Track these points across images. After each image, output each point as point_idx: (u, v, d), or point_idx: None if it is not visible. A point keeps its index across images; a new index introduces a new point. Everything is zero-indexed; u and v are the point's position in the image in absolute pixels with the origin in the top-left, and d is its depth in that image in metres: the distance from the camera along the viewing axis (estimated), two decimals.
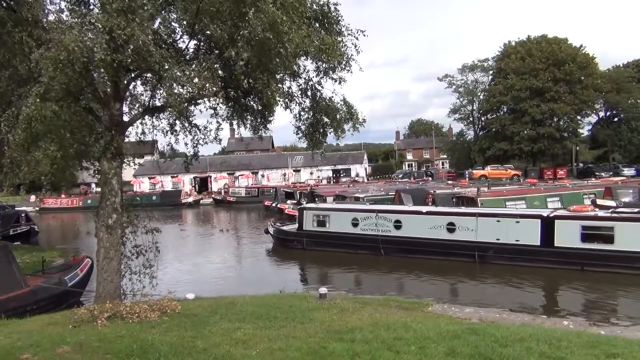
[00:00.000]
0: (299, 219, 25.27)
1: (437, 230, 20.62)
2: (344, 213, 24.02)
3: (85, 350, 7.18)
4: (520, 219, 19.35)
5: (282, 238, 25.91)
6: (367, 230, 22.51)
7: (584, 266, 17.38)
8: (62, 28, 8.56)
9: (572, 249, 17.66)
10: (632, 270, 16.46)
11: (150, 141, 13.41)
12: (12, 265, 13.68)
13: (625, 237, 16.93)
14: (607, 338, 8.18)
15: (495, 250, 19.23)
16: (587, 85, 62.43)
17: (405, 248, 21.13)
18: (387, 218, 22.17)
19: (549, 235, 18.36)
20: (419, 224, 21.33)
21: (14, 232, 30.94)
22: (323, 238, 23.69)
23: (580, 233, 17.76)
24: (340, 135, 12.61)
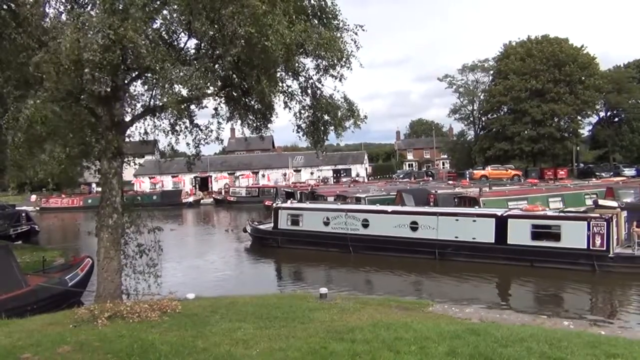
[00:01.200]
0: (274, 218, 26.13)
1: (402, 229, 21.59)
2: (316, 212, 24.95)
3: (86, 349, 7.19)
4: (476, 218, 20.38)
5: (258, 236, 26.92)
6: (337, 229, 23.44)
7: (533, 262, 18.36)
8: (60, 30, 8.56)
9: (523, 246, 18.66)
10: (576, 265, 17.61)
11: (152, 141, 13.40)
12: (13, 265, 13.68)
13: (570, 235, 17.98)
14: (607, 338, 8.18)
15: (454, 247, 20.17)
16: (588, 86, 62.40)
17: (372, 246, 22.07)
18: (355, 217, 23.12)
19: (502, 234, 19.34)
20: (385, 223, 22.30)
21: (14, 232, 30.96)
22: (296, 236, 24.72)
23: (531, 231, 18.77)
24: (340, 133, 12.60)
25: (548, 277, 17.23)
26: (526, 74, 63.30)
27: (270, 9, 9.02)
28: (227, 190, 67.22)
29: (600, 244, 17.46)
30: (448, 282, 17.89)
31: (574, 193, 28.91)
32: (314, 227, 24.28)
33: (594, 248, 17.54)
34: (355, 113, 12.26)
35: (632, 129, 68.52)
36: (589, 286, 16.55)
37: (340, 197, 32.80)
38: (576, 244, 17.80)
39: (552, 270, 17.69)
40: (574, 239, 17.90)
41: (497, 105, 67.85)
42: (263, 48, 9.25)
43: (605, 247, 17.41)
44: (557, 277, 17.13)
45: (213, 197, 65.70)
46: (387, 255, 21.18)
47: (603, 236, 17.41)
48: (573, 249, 17.82)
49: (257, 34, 8.99)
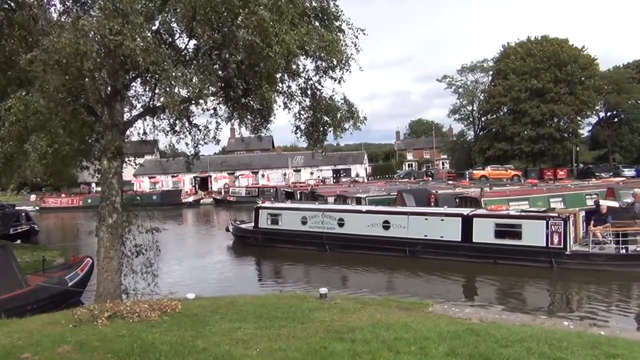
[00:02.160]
0: (254, 218, 26.89)
1: (375, 228, 22.25)
2: (295, 212, 25.72)
3: (86, 349, 7.18)
4: (444, 217, 21.03)
5: (240, 235, 27.67)
6: (314, 227, 24.13)
7: (496, 260, 18.96)
8: (57, 31, 8.56)
9: (487, 244, 19.35)
10: (535, 262, 18.29)
11: (151, 141, 13.41)
12: (13, 265, 13.67)
13: (530, 234, 18.64)
14: (607, 339, 8.17)
15: (423, 245, 20.80)
16: (588, 86, 62.43)
17: (347, 244, 22.75)
18: (331, 217, 23.83)
19: (468, 232, 19.98)
20: (359, 222, 22.93)
21: (14, 232, 30.95)
22: (276, 235, 25.38)
23: (494, 230, 19.43)
24: (339, 135, 12.63)
25: (510, 274, 17.81)
26: (526, 73, 63.35)
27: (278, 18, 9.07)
28: (226, 190, 67.22)
29: (558, 242, 18.11)
30: (417, 279, 18.60)
31: (574, 193, 28.91)
32: (292, 227, 24.96)
33: (552, 246, 18.17)
34: (354, 114, 12.27)
35: (631, 130, 68.59)
36: (547, 282, 17.23)
37: (340, 197, 32.73)
38: (536, 242, 18.45)
39: (513, 267, 18.31)
40: (534, 237, 18.54)
41: (496, 106, 67.88)
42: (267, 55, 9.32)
43: (562, 245, 18.06)
44: (518, 274, 17.73)
45: (213, 197, 65.68)
46: (361, 252, 21.85)
47: (560, 234, 18.09)
48: (533, 246, 18.47)
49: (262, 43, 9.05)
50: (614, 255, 17.47)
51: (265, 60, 9.54)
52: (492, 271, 18.29)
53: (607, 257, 17.51)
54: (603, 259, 17.56)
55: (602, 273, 16.88)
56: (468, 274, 18.53)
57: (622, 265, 17.18)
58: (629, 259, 17.24)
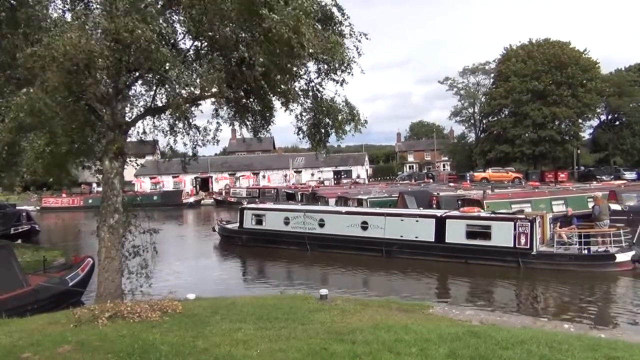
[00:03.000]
0: (239, 218, 27.68)
1: (353, 228, 23.03)
2: (278, 212, 26.52)
3: (86, 349, 7.19)
4: (419, 218, 21.83)
5: (226, 235, 28.34)
6: (296, 228, 24.89)
7: (467, 259, 19.69)
8: (61, 28, 8.57)
9: (459, 245, 20.11)
10: (504, 262, 19.04)
11: (152, 141, 13.43)
12: (14, 264, 13.67)
13: (499, 234, 19.39)
14: (607, 341, 8.17)
15: (399, 245, 21.55)
16: (590, 89, 62.38)
17: (327, 244, 23.50)
18: (313, 217, 24.63)
19: (441, 233, 20.73)
20: (339, 223, 23.74)
21: (15, 231, 30.95)
22: (260, 235, 26.12)
23: (466, 231, 20.16)
24: (341, 137, 12.66)
25: (480, 273, 18.50)
26: (527, 75, 63.34)
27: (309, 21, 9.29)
28: (227, 191, 67.20)
29: (524, 243, 18.85)
30: (394, 278, 19.21)
31: (577, 196, 28.96)
32: (275, 227, 25.69)
33: (519, 246, 18.92)
34: (356, 117, 12.30)
35: (633, 133, 68.57)
36: (514, 281, 17.90)
37: (341, 198, 32.67)
38: (504, 242, 19.21)
39: (483, 266, 19.04)
40: (502, 238, 19.29)
41: (497, 108, 67.89)
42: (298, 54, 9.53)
43: (529, 246, 18.78)
44: (488, 273, 18.41)
45: (214, 198, 65.67)
46: (340, 252, 22.56)
47: (527, 235, 18.81)
48: (501, 247, 19.23)
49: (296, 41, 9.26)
50: (577, 255, 18.30)
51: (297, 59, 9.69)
52: (464, 270, 19.00)
53: (570, 258, 18.35)
54: (567, 259, 18.39)
55: (566, 272, 17.65)
56: (441, 273, 19.13)
57: (584, 265, 18.04)
58: (591, 259, 18.10)
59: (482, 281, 17.81)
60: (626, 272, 17.62)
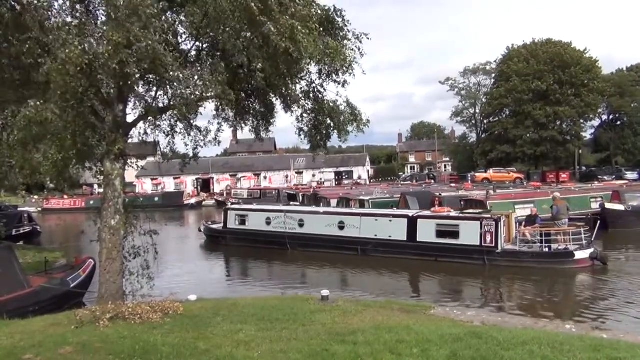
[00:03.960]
0: (224, 218, 28.41)
1: (331, 228, 23.80)
2: (260, 213, 27.25)
3: (88, 350, 7.19)
4: (392, 218, 22.61)
5: (210, 235, 29.07)
6: (277, 228, 25.63)
7: (437, 257, 20.42)
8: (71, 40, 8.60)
9: (429, 243, 20.89)
10: (471, 260, 19.73)
11: (153, 142, 13.43)
12: (15, 266, 13.68)
13: (466, 233, 20.14)
14: (609, 342, 8.15)
15: (374, 244, 22.26)
16: (592, 89, 62.28)
17: (306, 243, 24.26)
18: (293, 217, 25.41)
19: (412, 232, 21.49)
20: (317, 223, 24.49)
21: (16, 233, 30.93)
22: (243, 235, 26.81)
23: (435, 230, 20.93)
24: (344, 137, 12.69)
25: (448, 270, 19.17)
26: (529, 74, 63.26)
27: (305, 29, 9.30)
28: (229, 192, 67.14)
29: (490, 241, 19.61)
30: (368, 276, 19.95)
31: (580, 196, 29.01)
32: (257, 227, 26.43)
33: (485, 245, 19.67)
34: (358, 117, 12.31)
35: (634, 133, 68.50)
36: (480, 278, 18.57)
37: (343, 199, 32.61)
38: (471, 241, 19.94)
39: (452, 264, 19.72)
40: (469, 236, 20.03)
41: (499, 108, 67.79)
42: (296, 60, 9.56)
43: (494, 244, 19.53)
44: (456, 270, 19.08)
45: (215, 199, 65.62)
46: (318, 251, 23.34)
47: (492, 234, 19.55)
48: (469, 245, 19.93)
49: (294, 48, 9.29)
50: (538, 253, 19.17)
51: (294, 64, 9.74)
52: (434, 268, 19.66)
53: (532, 255, 19.20)
54: (529, 256, 19.19)
55: (528, 269, 18.42)
56: (413, 270, 19.89)
57: (545, 262, 18.86)
58: (551, 257, 19.01)
59: (451, 278, 18.49)
60: (584, 268, 18.45)
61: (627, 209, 27.31)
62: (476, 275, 18.62)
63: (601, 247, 24.47)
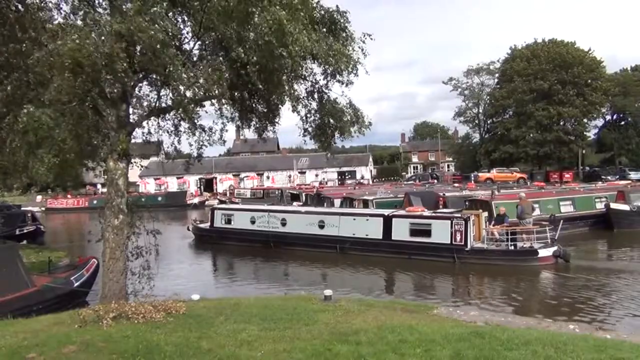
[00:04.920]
0: (210, 218, 29.32)
1: (312, 227, 24.66)
2: (245, 212, 28.30)
3: (91, 350, 7.20)
4: (369, 217, 23.57)
5: (198, 234, 29.80)
6: (261, 227, 26.52)
7: (411, 255, 21.13)
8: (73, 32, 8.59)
9: (403, 242, 21.67)
10: (442, 257, 20.43)
11: (156, 142, 13.44)
12: (19, 265, 13.73)
13: (438, 232, 20.93)
14: (613, 342, 8.12)
15: (351, 242, 23.07)
16: (596, 89, 62.08)
17: (288, 242, 25.06)
18: (276, 217, 26.29)
19: (388, 231, 22.26)
20: (299, 222, 25.42)
21: (20, 232, 31.02)
22: (229, 234, 27.66)
23: (409, 229, 21.72)
24: (346, 137, 12.69)
25: (421, 267, 19.90)
26: (532, 74, 63.09)
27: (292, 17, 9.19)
28: (232, 192, 67.17)
29: (459, 240, 20.33)
30: (346, 273, 20.55)
31: (584, 196, 29.02)
32: (242, 226, 27.28)
33: (455, 243, 20.41)
34: (360, 119, 12.31)
35: (638, 133, 68.29)
36: (450, 274, 19.33)
37: (347, 199, 32.57)
38: (442, 239, 20.73)
39: (424, 261, 20.49)
40: (440, 235, 20.82)
41: (502, 108, 67.64)
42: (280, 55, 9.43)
43: (463, 242, 20.25)
44: (427, 267, 19.86)
45: (218, 199, 65.64)
46: (300, 249, 24.20)
47: (462, 233, 20.32)
48: (440, 243, 20.72)
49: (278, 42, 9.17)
50: (504, 251, 20.08)
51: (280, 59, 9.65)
52: (407, 265, 20.47)
53: (498, 253, 20.10)
54: (496, 254, 20.07)
55: (495, 266, 19.24)
56: (388, 267, 20.58)
57: (511, 260, 19.70)
58: (517, 255, 19.88)
59: (423, 275, 19.26)
60: (548, 266, 19.22)
61: (632, 209, 27.26)
62: (446, 272, 19.39)
63: (606, 247, 24.63)
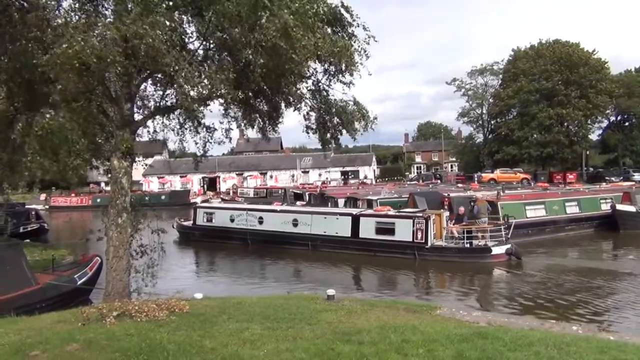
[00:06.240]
0: (193, 216, 30.32)
1: (286, 225, 25.83)
2: (225, 211, 29.52)
3: (94, 348, 7.22)
4: (339, 216, 24.72)
5: (182, 232, 30.58)
6: (240, 225, 27.61)
7: (376, 252, 22.30)
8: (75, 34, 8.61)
9: (370, 239, 22.83)
10: (404, 254, 21.68)
11: (161, 141, 13.48)
12: (23, 263, 13.78)
13: (401, 230, 22.11)
14: (616, 344, 8.10)
15: (322, 240, 24.25)
16: (600, 90, 61.85)
17: (264, 239, 26.07)
18: (253, 215, 27.46)
19: (356, 229, 23.41)
20: (275, 220, 26.52)
21: (24, 230, 31.10)
22: (210, 231, 28.69)
23: (375, 227, 22.89)
24: (353, 136, 12.71)
25: (385, 264, 21.03)
26: (536, 74, 62.88)
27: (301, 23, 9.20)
28: (235, 191, 67.20)
29: (420, 238, 21.55)
30: (317, 269, 21.76)
31: (589, 197, 28.98)
32: (223, 224, 28.36)
33: (416, 241, 21.64)
34: (365, 115, 12.31)
35: None
36: (411, 270, 20.46)
37: (351, 199, 32.47)
38: (405, 237, 21.93)
39: (388, 258, 21.62)
40: (403, 233, 22.00)
41: (505, 109, 67.46)
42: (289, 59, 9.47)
43: (424, 240, 21.47)
44: (391, 264, 20.98)
45: (221, 198, 65.67)
46: (275, 246, 25.07)
47: (423, 231, 21.49)
48: (403, 241, 21.95)
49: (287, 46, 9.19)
50: (461, 248, 21.25)
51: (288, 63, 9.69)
52: (373, 262, 21.61)
53: (455, 251, 21.22)
54: (453, 251, 21.20)
55: (452, 263, 20.44)
56: (355, 264, 21.73)
57: (467, 257, 20.93)
58: (472, 252, 21.08)
59: (386, 271, 20.40)
60: (501, 263, 20.42)
61: (639, 210, 27.20)
62: (408, 269, 20.50)
63: (612, 248, 24.63)
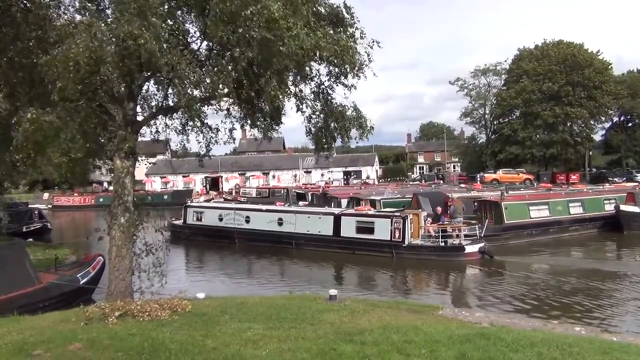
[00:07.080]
0: (183, 215, 31.03)
1: (272, 224, 26.56)
2: (214, 210, 30.29)
3: (97, 347, 7.23)
4: (321, 215, 25.51)
5: (172, 230, 30.58)
6: (228, 224, 28.33)
7: (355, 250, 23.10)
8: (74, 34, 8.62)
9: (350, 238, 23.58)
10: (382, 253, 22.36)
11: (164, 140, 13.47)
12: (26, 262, 13.81)
13: (380, 230, 22.82)
14: (619, 345, 8.08)
15: (306, 239, 25.00)
16: (605, 91, 61.71)
17: (251, 238, 26.79)
18: (241, 214, 28.17)
19: (337, 228, 24.21)
20: (261, 219, 27.27)
21: (27, 229, 31.19)
22: (199, 230, 29.53)
23: (355, 226, 23.65)
24: (346, 142, 12.70)
25: (364, 262, 21.93)
26: (541, 74, 62.77)
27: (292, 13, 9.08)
28: (237, 191, 67.22)
29: (398, 237, 22.24)
30: (301, 266, 22.60)
31: (593, 198, 28.98)
32: (211, 222, 29.15)
33: (394, 239, 22.32)
34: (362, 124, 12.25)
35: None
36: (389, 268, 21.10)
37: (353, 199, 32.40)
38: (383, 236, 22.63)
39: (367, 256, 22.37)
40: (382, 232, 22.70)
41: (508, 109, 67.37)
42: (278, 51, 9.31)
43: (401, 239, 22.17)
44: (370, 262, 21.79)
45: (223, 197, 65.67)
46: (261, 245, 25.84)
47: (400, 230, 22.17)
48: (381, 240, 22.63)
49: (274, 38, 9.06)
50: (436, 247, 21.93)
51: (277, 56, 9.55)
52: (353, 260, 22.42)
53: (431, 249, 21.95)
54: (428, 250, 21.94)
55: (428, 261, 21.20)
56: (337, 262, 22.44)
57: (441, 255, 21.61)
58: (446, 250, 21.78)
59: (366, 268, 21.33)
60: (474, 261, 21.18)
61: None
62: (385, 267, 21.13)
63: (615, 248, 24.62)
